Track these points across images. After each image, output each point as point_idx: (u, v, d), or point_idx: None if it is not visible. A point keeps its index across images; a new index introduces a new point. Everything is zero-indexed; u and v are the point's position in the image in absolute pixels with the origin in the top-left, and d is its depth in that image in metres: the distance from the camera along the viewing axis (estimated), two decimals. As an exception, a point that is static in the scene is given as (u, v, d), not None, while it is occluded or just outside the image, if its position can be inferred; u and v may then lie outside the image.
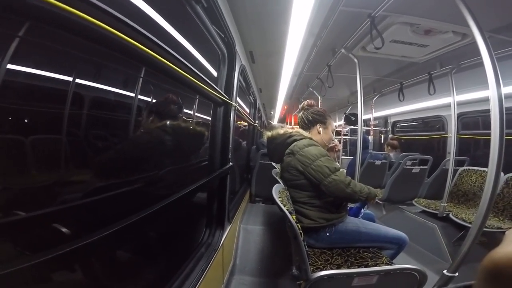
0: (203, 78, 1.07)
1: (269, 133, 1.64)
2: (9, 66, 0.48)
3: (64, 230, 0.60)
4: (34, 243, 0.56)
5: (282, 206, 1.10)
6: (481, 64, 1.16)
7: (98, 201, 0.72)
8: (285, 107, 6.93)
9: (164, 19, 0.97)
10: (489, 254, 0.22)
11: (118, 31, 0.54)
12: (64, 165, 0.65)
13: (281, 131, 1.58)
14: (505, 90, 1.11)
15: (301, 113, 1.63)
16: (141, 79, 0.90)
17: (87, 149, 0.73)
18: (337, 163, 1.40)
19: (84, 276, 0.71)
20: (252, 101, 3.68)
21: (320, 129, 1.57)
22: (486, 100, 2.62)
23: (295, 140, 1.48)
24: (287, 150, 1.49)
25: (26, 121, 0.56)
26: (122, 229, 0.62)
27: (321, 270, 1.15)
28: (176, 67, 0.81)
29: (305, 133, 1.53)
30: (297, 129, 1.56)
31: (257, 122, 4.37)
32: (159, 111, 1.03)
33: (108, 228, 0.59)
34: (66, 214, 0.63)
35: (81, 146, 0.71)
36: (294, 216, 1.13)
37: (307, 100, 1.67)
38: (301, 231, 1.11)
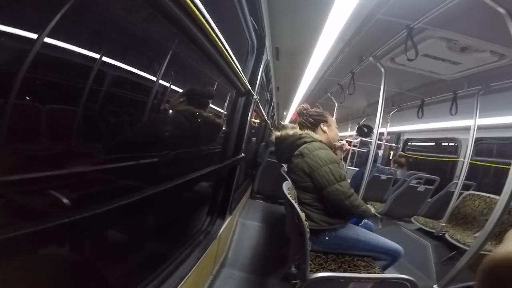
0: (235, 63, 1.07)
1: (278, 133, 1.64)
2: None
3: (65, 200, 0.55)
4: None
5: (293, 202, 1.10)
6: (510, 88, 1.14)
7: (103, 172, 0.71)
8: (293, 117, 6.89)
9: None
10: (489, 254, 0.21)
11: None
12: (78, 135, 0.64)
13: (291, 132, 1.57)
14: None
15: (301, 118, 1.64)
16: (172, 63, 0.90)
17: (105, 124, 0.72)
18: (344, 171, 1.39)
19: (75, 252, 0.68)
20: (269, 98, 3.68)
21: (325, 127, 1.57)
22: (507, 127, 2.61)
23: (305, 142, 1.47)
24: (296, 152, 1.48)
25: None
26: (128, 205, 0.61)
27: (315, 272, 1.15)
28: (215, 42, 0.80)
29: (315, 135, 1.51)
30: (307, 131, 1.55)
31: (269, 120, 4.36)
32: (193, 97, 1.03)
33: (112, 203, 0.57)
34: (69, 183, 0.60)
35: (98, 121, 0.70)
36: (304, 214, 1.13)
37: (302, 105, 1.69)
38: (308, 229, 1.11)
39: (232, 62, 1.05)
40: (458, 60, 1.84)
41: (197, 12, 0.67)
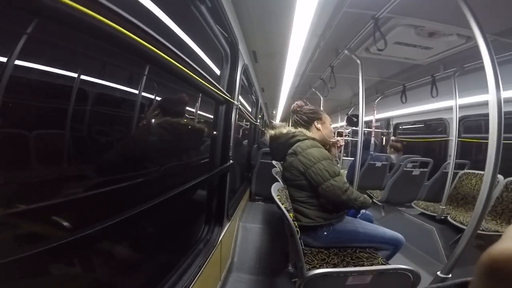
0: (206, 77, 1.08)
1: (272, 132, 1.64)
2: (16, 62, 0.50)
3: (65, 224, 0.60)
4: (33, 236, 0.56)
5: (280, 204, 1.12)
6: (483, 68, 1.17)
7: (97, 196, 0.73)
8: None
9: (169, 18, 0.98)
10: (488, 250, 0.21)
11: (121, 28, 0.55)
12: (65, 160, 0.66)
13: (284, 131, 1.57)
14: (505, 94, 1.12)
15: (295, 116, 1.63)
16: (145, 77, 0.92)
17: (88, 144, 0.74)
18: (337, 167, 1.39)
19: (81, 269, 0.72)
20: (254, 100, 3.70)
21: (319, 125, 1.56)
22: (487, 104, 2.64)
23: (299, 140, 1.48)
24: (290, 150, 1.49)
25: (29, 116, 0.57)
26: (121, 223, 0.64)
27: (318, 268, 1.16)
28: (179, 65, 0.82)
29: (308, 133, 1.52)
30: (300, 129, 1.56)
31: (258, 121, 4.38)
32: (167, 108, 1.04)
33: (107, 221, 0.60)
34: (66, 208, 0.64)
35: (82, 141, 0.72)
36: (291, 214, 1.14)
37: (296, 102, 1.67)
38: (298, 229, 1.12)
39: (204, 76, 1.07)
40: (429, 45, 1.88)
41: (158, 37, 0.69)
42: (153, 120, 1.02)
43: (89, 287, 0.75)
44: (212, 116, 1.64)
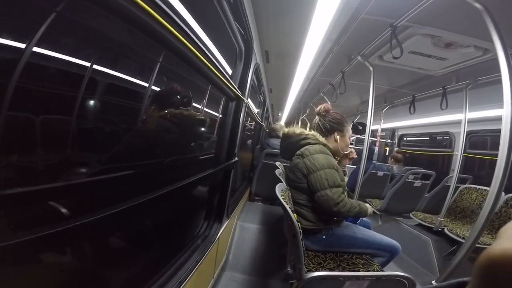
0: (221, 71, 1.08)
1: (285, 129, 1.64)
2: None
3: (63, 210, 0.58)
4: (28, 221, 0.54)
5: (285, 204, 1.11)
6: (497, 82, 1.17)
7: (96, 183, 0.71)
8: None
9: (191, 10, 0.98)
10: (486, 251, 0.21)
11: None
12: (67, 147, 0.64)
13: (298, 131, 1.56)
14: (519, 110, 1.11)
15: (318, 119, 1.60)
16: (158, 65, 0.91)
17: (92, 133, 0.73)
18: (339, 178, 1.38)
19: (75, 258, 0.71)
20: (262, 100, 3.69)
21: (338, 137, 1.54)
22: (497, 119, 2.65)
23: (309, 144, 1.47)
24: (298, 152, 1.48)
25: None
26: (120, 213, 0.63)
27: (314, 272, 1.16)
28: (198, 54, 0.82)
29: (320, 138, 1.50)
30: (314, 132, 1.54)
31: (264, 122, 4.37)
32: (163, 100, 1.02)
33: (105, 211, 0.59)
34: (64, 194, 0.62)
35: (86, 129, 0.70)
36: (295, 215, 1.14)
37: (324, 105, 1.63)
38: (301, 230, 1.12)
39: (220, 70, 1.07)
40: (444, 56, 1.87)
41: (181, 24, 0.69)
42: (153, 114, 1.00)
43: (80, 278, 0.73)
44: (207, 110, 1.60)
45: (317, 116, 1.62)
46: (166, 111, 1.02)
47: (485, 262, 0.21)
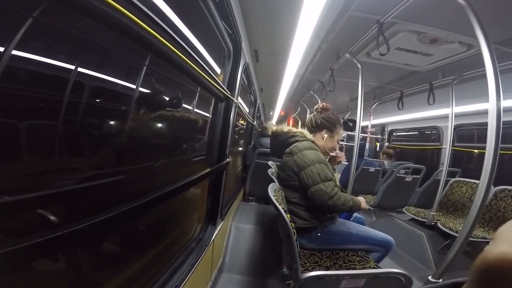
0: (208, 71, 1.07)
1: (274, 128, 1.65)
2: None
3: (52, 218, 0.57)
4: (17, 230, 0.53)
5: (278, 205, 1.10)
6: (482, 76, 1.18)
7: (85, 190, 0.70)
8: (282, 113, 6.91)
9: (175, 11, 0.96)
10: (482, 254, 0.20)
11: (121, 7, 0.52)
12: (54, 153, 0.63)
13: (286, 129, 1.57)
14: (505, 103, 1.13)
15: (312, 114, 1.61)
16: (145, 67, 0.89)
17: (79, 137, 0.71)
18: (330, 172, 1.39)
19: (68, 265, 0.70)
20: (253, 100, 3.68)
21: (326, 135, 1.55)
22: (483, 113, 2.72)
23: (297, 141, 1.48)
24: (287, 150, 1.49)
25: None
26: (112, 219, 0.61)
27: (310, 271, 1.16)
28: (184, 57, 0.80)
29: (308, 135, 1.52)
30: (301, 129, 1.55)
31: (255, 121, 4.36)
32: (149, 102, 0.99)
33: (96, 217, 0.58)
34: (53, 202, 0.61)
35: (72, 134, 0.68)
36: (288, 215, 1.13)
37: (323, 103, 1.64)
38: (294, 231, 1.11)
39: (207, 70, 1.05)
40: (430, 52, 1.90)
41: (163, 24, 0.66)
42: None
43: (73, 285, 0.72)
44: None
45: (313, 113, 1.63)
46: (149, 114, 1.00)
47: (482, 266, 0.20)
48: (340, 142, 1.70)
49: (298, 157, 1.39)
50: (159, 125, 1.05)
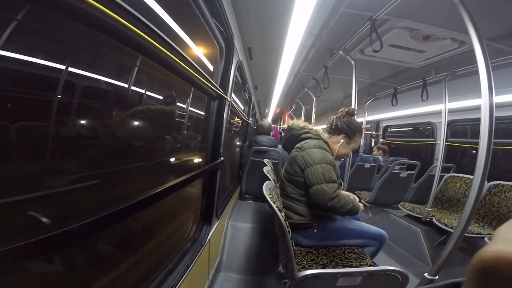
0: (199, 70, 1.05)
1: (290, 121, 1.64)
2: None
3: (44, 220, 0.57)
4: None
5: (272, 203, 1.10)
6: (474, 73, 1.18)
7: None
8: (277, 110, 6.91)
9: (163, 7, 0.94)
10: (479, 253, 0.21)
11: (110, 11, 0.51)
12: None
13: (302, 124, 1.58)
14: (497, 99, 1.13)
15: (336, 116, 1.59)
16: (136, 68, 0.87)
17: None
18: (336, 173, 1.38)
19: (63, 266, 0.69)
20: (247, 97, 3.66)
21: (342, 140, 1.53)
22: (476, 108, 2.75)
23: (310, 138, 1.49)
24: (298, 145, 1.50)
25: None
26: (104, 219, 0.60)
27: (307, 269, 1.15)
28: (173, 57, 0.78)
29: (323, 135, 1.51)
30: (317, 128, 1.55)
31: (251, 119, 4.35)
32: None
33: (87, 218, 0.56)
34: (45, 202, 0.60)
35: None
36: (283, 214, 1.13)
37: (350, 108, 1.60)
38: (289, 229, 1.11)
39: (197, 69, 1.04)
40: (423, 48, 1.91)
41: (148, 23, 0.65)
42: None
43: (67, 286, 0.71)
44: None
45: (339, 114, 1.59)
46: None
47: (478, 265, 0.21)
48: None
49: (307, 153, 1.39)
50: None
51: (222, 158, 1.65)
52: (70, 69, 0.65)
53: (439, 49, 1.91)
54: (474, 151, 3.14)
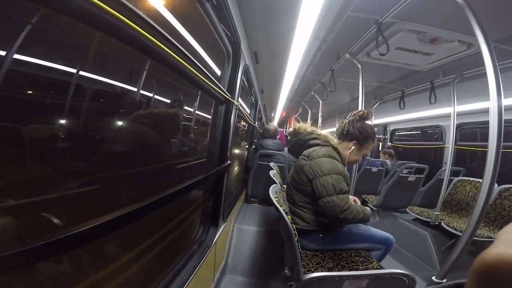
0: (207, 75, 1.07)
1: (297, 125, 1.59)
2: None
3: (55, 221, 0.58)
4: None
5: (279, 206, 1.10)
6: (483, 75, 1.17)
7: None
8: (283, 114, 6.91)
9: (173, 14, 0.97)
10: (481, 255, 0.21)
11: (122, 16, 0.53)
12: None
13: (309, 129, 1.51)
14: (506, 101, 1.12)
15: (348, 120, 1.49)
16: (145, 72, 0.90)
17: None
18: (346, 184, 1.33)
19: (70, 268, 0.71)
20: (254, 101, 3.69)
21: (353, 147, 1.45)
22: (485, 111, 2.68)
23: (318, 145, 1.43)
24: (305, 152, 1.44)
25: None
26: (114, 222, 0.62)
27: (313, 272, 1.15)
28: (182, 61, 0.81)
29: (332, 141, 1.45)
30: (326, 133, 1.48)
31: (257, 123, 4.36)
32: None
33: (98, 220, 0.58)
34: (55, 205, 0.62)
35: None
36: (289, 217, 1.13)
37: (365, 111, 1.50)
38: (296, 232, 1.11)
39: (206, 74, 1.06)
40: (430, 51, 1.90)
41: (161, 30, 0.67)
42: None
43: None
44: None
45: (352, 118, 1.50)
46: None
47: (480, 266, 0.21)
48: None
49: (316, 163, 1.33)
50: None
51: (229, 161, 1.67)
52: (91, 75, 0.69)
53: (446, 52, 1.90)
54: (484, 154, 3.08)
